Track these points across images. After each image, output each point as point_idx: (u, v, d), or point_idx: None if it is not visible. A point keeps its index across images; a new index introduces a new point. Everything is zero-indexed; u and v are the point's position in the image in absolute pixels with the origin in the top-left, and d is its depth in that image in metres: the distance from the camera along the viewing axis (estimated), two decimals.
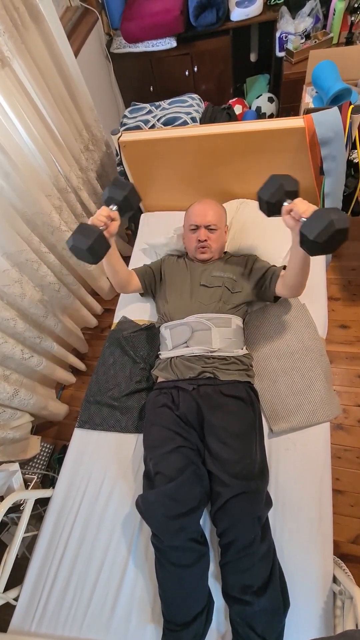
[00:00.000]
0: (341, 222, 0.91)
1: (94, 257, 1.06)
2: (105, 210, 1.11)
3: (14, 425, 1.49)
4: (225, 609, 0.99)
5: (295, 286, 1.21)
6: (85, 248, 1.02)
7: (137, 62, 2.35)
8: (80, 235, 1.03)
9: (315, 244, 0.94)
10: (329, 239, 0.92)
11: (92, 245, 1.02)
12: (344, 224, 0.91)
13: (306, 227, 0.94)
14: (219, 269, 1.37)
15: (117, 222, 1.14)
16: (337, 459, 1.52)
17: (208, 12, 2.06)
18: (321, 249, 0.95)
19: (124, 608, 1.03)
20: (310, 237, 0.93)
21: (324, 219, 0.91)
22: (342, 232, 0.92)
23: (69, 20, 2.03)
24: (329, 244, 0.93)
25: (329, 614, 0.95)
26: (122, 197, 1.12)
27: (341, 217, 0.91)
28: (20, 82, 1.34)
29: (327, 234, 0.91)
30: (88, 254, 1.04)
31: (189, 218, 1.41)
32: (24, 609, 1.08)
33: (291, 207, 1.02)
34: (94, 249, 1.03)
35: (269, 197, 1.07)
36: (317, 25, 2.07)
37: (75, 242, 1.03)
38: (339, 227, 0.90)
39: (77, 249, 1.04)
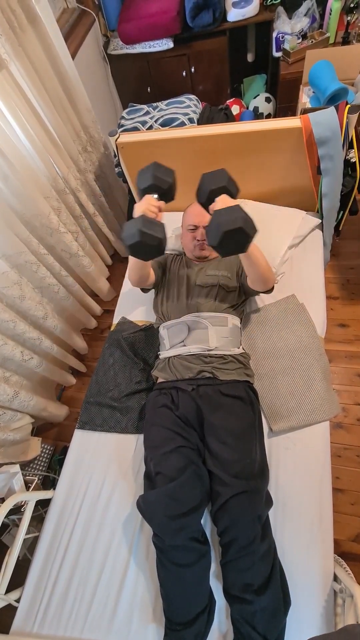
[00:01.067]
0: (229, 223, 0.87)
1: (160, 252, 0.98)
2: (153, 200, 1.03)
3: (15, 427, 1.49)
4: (227, 608, 0.99)
5: (256, 280, 1.19)
6: (156, 244, 0.94)
7: (134, 63, 2.35)
8: (147, 230, 0.93)
9: (214, 248, 0.91)
10: (222, 241, 0.89)
11: (161, 241, 0.95)
12: (232, 225, 0.87)
13: (207, 230, 0.93)
14: (214, 268, 1.38)
15: (162, 214, 1.06)
16: (337, 457, 1.53)
17: (204, 12, 2.06)
18: (223, 251, 0.92)
19: (126, 608, 1.03)
20: (208, 242, 0.91)
21: (213, 223, 0.89)
22: (234, 232, 0.88)
23: (66, 22, 2.03)
24: (226, 246, 0.90)
25: (329, 612, 0.96)
26: (167, 185, 1.03)
27: (231, 218, 0.87)
28: (18, 85, 1.34)
29: (218, 236, 0.88)
30: (155, 249, 0.96)
31: (187, 218, 1.42)
32: (26, 610, 1.08)
33: (212, 206, 1.00)
34: (162, 245, 0.96)
35: (200, 198, 1.04)
36: (314, 25, 2.07)
37: (144, 238, 0.93)
38: (227, 229, 0.87)
39: (144, 244, 0.94)
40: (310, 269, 1.53)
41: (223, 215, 0.90)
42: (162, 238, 0.95)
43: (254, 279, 1.19)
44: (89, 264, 1.85)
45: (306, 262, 1.54)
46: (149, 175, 1.04)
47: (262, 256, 1.13)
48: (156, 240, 0.94)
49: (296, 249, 1.58)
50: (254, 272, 1.16)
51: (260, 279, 1.18)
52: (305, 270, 1.52)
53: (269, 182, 1.60)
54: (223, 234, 0.88)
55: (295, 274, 1.52)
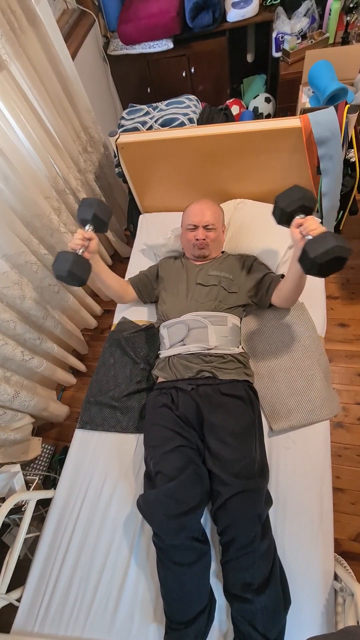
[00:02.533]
0: (344, 251, 0.93)
1: (77, 280, 1.11)
2: (79, 233, 1.16)
3: (15, 426, 1.50)
4: (227, 607, 0.99)
5: (289, 299, 1.24)
6: (65, 275, 1.08)
7: (134, 64, 2.35)
8: (58, 263, 1.09)
9: (314, 264, 0.95)
10: (328, 262, 0.93)
11: (70, 270, 1.08)
12: (345, 253, 0.93)
13: (310, 245, 0.96)
14: (215, 268, 1.38)
15: (94, 240, 1.19)
16: (337, 457, 1.53)
17: (204, 13, 2.06)
18: (317, 270, 0.97)
19: (127, 608, 1.03)
20: (310, 255, 0.95)
21: (329, 242, 0.93)
22: (341, 260, 0.94)
23: (66, 23, 2.03)
24: (326, 268, 0.95)
25: (330, 612, 0.96)
26: (91, 215, 1.17)
27: (345, 247, 0.93)
28: (18, 85, 1.35)
29: (327, 257, 0.93)
30: (70, 278, 1.10)
31: (187, 218, 1.42)
32: (27, 609, 1.08)
33: (302, 221, 1.04)
34: (73, 273, 1.09)
35: (286, 205, 1.08)
36: (313, 25, 2.07)
37: (56, 271, 1.10)
38: (340, 255, 0.92)
39: (60, 276, 1.10)
40: None
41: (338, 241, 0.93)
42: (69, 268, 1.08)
43: (288, 296, 1.23)
44: None
45: None
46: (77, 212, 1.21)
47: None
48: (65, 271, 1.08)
49: None
50: (295, 291, 1.20)
51: (294, 298, 1.24)
52: None
53: (269, 182, 1.60)
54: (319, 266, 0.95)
55: None
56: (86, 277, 1.14)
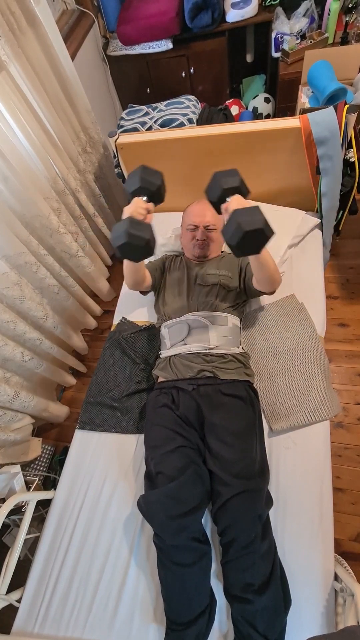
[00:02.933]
0: (249, 224, 0.88)
1: (149, 253, 1.00)
2: (142, 203, 1.05)
3: (15, 427, 1.50)
4: (228, 608, 0.99)
5: (263, 281, 1.19)
6: (143, 245, 0.96)
7: (133, 64, 2.35)
8: (135, 231, 0.95)
9: (231, 247, 0.92)
10: (241, 241, 0.89)
11: (149, 241, 0.96)
12: (252, 225, 0.88)
13: (224, 229, 0.93)
14: (214, 267, 1.38)
15: (152, 215, 1.09)
16: (337, 457, 1.53)
17: (203, 13, 2.06)
18: (239, 251, 0.93)
19: (127, 608, 1.03)
20: (226, 240, 0.92)
21: (233, 222, 0.89)
22: (254, 233, 0.88)
23: (65, 24, 2.04)
24: (244, 246, 0.91)
25: (330, 612, 0.96)
26: (155, 187, 1.05)
27: (252, 219, 0.88)
28: (18, 86, 1.35)
29: (237, 236, 0.89)
30: (144, 250, 0.97)
31: (187, 218, 1.42)
32: (27, 610, 1.08)
33: (226, 205, 1.00)
34: (150, 246, 0.97)
35: (210, 196, 1.04)
36: (313, 26, 2.07)
37: (131, 239, 0.95)
38: (248, 229, 0.87)
39: (132, 246, 0.96)
40: (309, 269, 1.53)
41: (243, 215, 0.90)
42: (149, 239, 0.97)
43: (261, 280, 1.18)
44: (89, 265, 1.86)
45: (306, 262, 1.55)
46: (136, 178, 1.05)
47: (270, 258, 1.12)
48: (143, 241, 0.96)
49: (296, 249, 1.58)
50: (263, 274, 1.15)
51: (267, 280, 1.17)
52: (305, 269, 1.53)
53: (268, 182, 1.60)
54: (244, 234, 0.88)
55: (295, 273, 1.52)
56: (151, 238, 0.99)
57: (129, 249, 0.97)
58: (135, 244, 0.96)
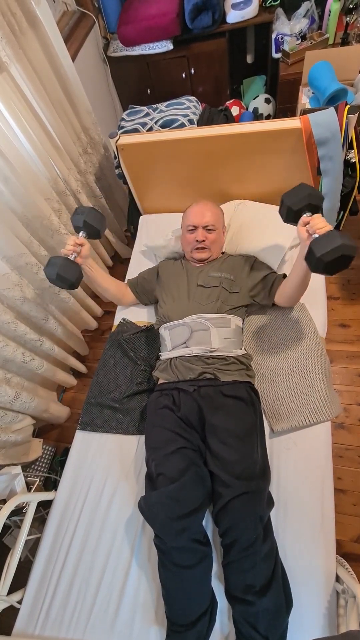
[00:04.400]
0: (350, 249, 0.95)
1: (66, 283, 1.16)
2: (71, 240, 1.22)
3: (16, 428, 1.49)
4: (229, 609, 0.99)
5: (292, 297, 1.25)
6: (54, 278, 1.14)
7: (134, 65, 2.36)
8: (48, 267, 1.15)
9: (320, 262, 0.97)
10: (334, 260, 0.95)
11: (58, 274, 1.13)
12: (351, 252, 0.95)
13: (316, 243, 0.98)
14: (216, 269, 1.37)
15: (86, 246, 1.24)
16: (338, 458, 1.52)
17: (204, 14, 2.07)
18: (323, 268, 0.99)
19: (128, 610, 1.03)
20: (317, 254, 0.96)
21: (336, 240, 0.95)
22: (347, 258, 0.96)
23: (66, 25, 2.04)
24: (332, 266, 0.97)
25: (332, 613, 0.95)
26: (82, 222, 1.23)
27: (351, 245, 0.95)
28: (19, 87, 1.35)
29: (333, 255, 0.94)
30: (59, 281, 1.15)
31: (187, 219, 1.42)
32: (28, 612, 1.08)
33: (309, 220, 1.05)
34: (61, 277, 1.14)
35: (292, 203, 1.09)
36: (313, 26, 2.07)
37: (47, 275, 1.16)
38: (346, 253, 0.94)
39: (51, 280, 1.17)
40: None
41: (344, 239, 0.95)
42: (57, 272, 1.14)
43: (291, 295, 1.25)
44: None
45: None
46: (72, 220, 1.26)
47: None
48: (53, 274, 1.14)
49: (296, 250, 1.58)
50: (299, 290, 1.21)
51: (297, 297, 1.26)
52: None
53: (269, 183, 1.60)
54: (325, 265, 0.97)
55: None
56: (75, 281, 1.18)
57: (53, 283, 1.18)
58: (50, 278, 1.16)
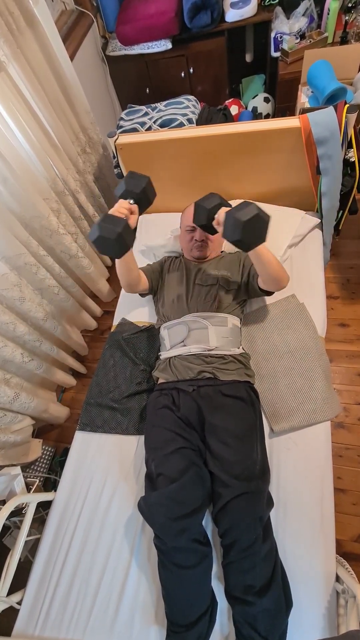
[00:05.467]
0: (245, 214, 0.95)
1: (122, 247, 1.01)
2: (125, 203, 1.08)
3: (15, 428, 1.49)
4: (229, 609, 0.99)
5: (270, 280, 1.20)
6: (114, 237, 0.97)
7: (132, 65, 2.35)
8: (108, 224, 0.97)
9: (237, 242, 1.01)
10: (243, 233, 0.97)
11: (120, 234, 0.97)
12: (248, 214, 0.95)
13: (224, 232, 1.02)
14: (213, 268, 1.37)
15: (136, 215, 1.11)
16: (338, 457, 1.52)
17: (203, 13, 2.06)
18: (245, 244, 1.02)
19: (128, 610, 1.03)
20: (230, 239, 1.01)
21: (229, 219, 0.98)
22: (253, 221, 0.96)
23: (64, 24, 2.03)
24: (248, 238, 0.99)
25: (332, 613, 0.95)
26: (140, 189, 1.09)
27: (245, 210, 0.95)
28: (17, 87, 1.34)
29: (238, 229, 0.96)
30: (116, 243, 0.98)
31: (186, 219, 1.42)
32: (28, 612, 1.08)
33: (217, 218, 1.10)
34: (122, 239, 0.98)
35: (198, 221, 1.18)
36: (312, 25, 2.07)
37: (103, 232, 0.97)
38: (245, 219, 0.95)
39: (104, 239, 0.98)
40: (310, 269, 1.52)
41: (237, 211, 0.97)
42: (120, 232, 0.98)
43: (267, 278, 1.20)
44: (88, 265, 1.85)
45: (306, 262, 1.54)
46: (122, 182, 1.12)
47: (271, 254, 1.15)
48: (114, 234, 0.97)
49: (296, 249, 1.58)
50: (268, 271, 1.17)
51: (273, 277, 1.19)
52: (305, 269, 1.52)
53: (268, 182, 1.60)
54: (243, 224, 0.95)
55: (295, 273, 1.52)
56: (130, 246, 1.04)
57: (102, 243, 1.00)
58: (107, 237, 0.98)
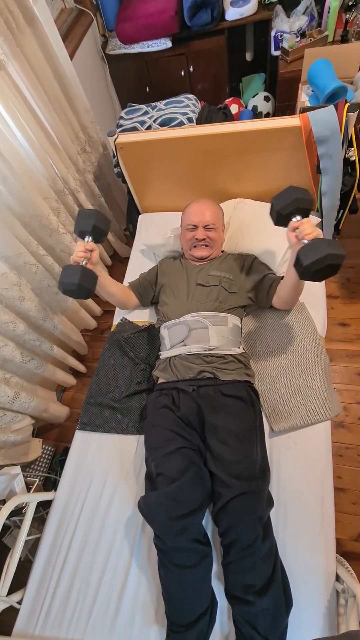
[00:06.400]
0: (336, 258, 0.94)
1: (85, 292, 1.12)
2: (81, 246, 1.16)
3: (15, 428, 1.49)
4: (229, 609, 0.99)
5: (288, 301, 1.26)
6: (75, 289, 1.09)
7: (132, 63, 2.34)
8: (66, 277, 1.09)
9: (306, 270, 0.97)
10: (320, 270, 0.95)
11: (79, 284, 1.08)
12: (338, 260, 0.95)
13: (303, 251, 0.98)
14: (215, 268, 1.37)
15: (96, 251, 1.19)
16: (338, 457, 1.52)
17: (203, 12, 2.06)
18: (310, 276, 0.99)
19: (128, 610, 1.03)
20: (303, 263, 0.97)
21: (322, 250, 0.94)
22: (334, 267, 0.96)
23: (64, 22, 2.03)
24: (318, 274, 0.97)
25: (332, 613, 0.95)
26: (91, 227, 1.16)
27: (338, 254, 0.94)
28: (16, 85, 1.34)
29: (319, 265, 0.94)
30: (79, 292, 1.10)
31: (187, 218, 1.41)
32: (28, 612, 1.08)
33: (298, 225, 1.05)
34: (82, 286, 1.09)
35: (281, 207, 1.08)
36: (312, 24, 2.06)
37: (65, 286, 1.10)
38: (332, 262, 0.94)
39: (68, 290, 1.11)
40: None
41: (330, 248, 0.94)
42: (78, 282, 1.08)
43: (286, 298, 1.26)
44: None
45: None
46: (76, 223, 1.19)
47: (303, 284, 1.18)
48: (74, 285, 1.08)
49: None
50: (293, 294, 1.22)
51: (293, 300, 1.27)
52: None
53: (269, 182, 1.59)
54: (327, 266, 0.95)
55: None
56: (94, 289, 1.15)
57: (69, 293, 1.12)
58: (69, 290, 1.10)
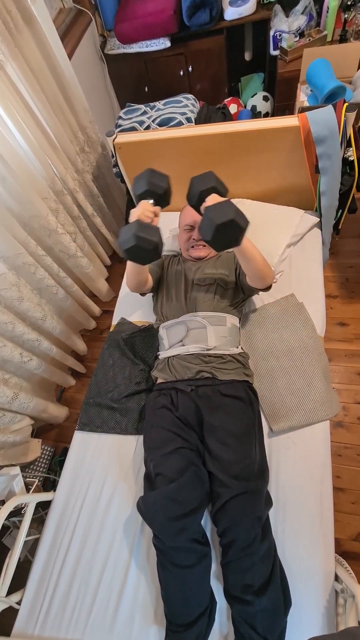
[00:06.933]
0: (220, 216, 0.90)
1: (156, 256, 1.00)
2: (148, 205, 1.05)
3: (14, 428, 1.49)
4: (228, 609, 0.99)
5: (253, 276, 1.19)
6: (151, 248, 0.96)
7: (131, 63, 2.34)
8: (143, 234, 0.95)
9: (208, 242, 0.95)
10: (215, 234, 0.92)
11: (157, 245, 0.96)
12: (223, 217, 0.90)
13: (200, 227, 0.97)
14: (211, 267, 1.37)
15: (158, 218, 1.08)
16: (337, 456, 1.53)
17: (201, 11, 2.05)
18: (216, 246, 0.97)
19: (127, 610, 1.03)
20: (202, 238, 0.96)
21: (205, 218, 0.93)
22: (227, 225, 0.91)
23: (62, 22, 2.02)
24: (220, 239, 0.94)
25: (331, 613, 0.95)
26: (162, 191, 1.06)
27: (222, 212, 0.91)
28: (14, 86, 1.34)
29: (211, 230, 0.91)
30: (152, 253, 0.97)
31: (184, 218, 1.41)
32: (27, 612, 1.08)
33: (203, 205, 1.03)
34: (158, 249, 0.98)
35: (190, 201, 1.08)
36: (311, 23, 2.06)
37: (139, 242, 0.94)
38: (219, 222, 0.90)
39: (140, 249, 0.95)
40: (309, 268, 1.52)
41: (214, 210, 0.93)
42: (157, 242, 0.97)
43: (252, 275, 1.19)
44: (87, 265, 1.85)
45: (305, 261, 1.54)
46: (143, 181, 1.06)
47: (257, 252, 1.13)
48: (152, 244, 0.96)
49: (295, 248, 1.58)
50: (251, 268, 1.16)
51: (257, 275, 1.17)
52: (304, 269, 1.52)
53: (267, 181, 1.59)
54: (216, 227, 0.91)
55: (294, 272, 1.52)
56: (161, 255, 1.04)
57: (137, 252, 0.97)
58: (144, 247, 0.95)
